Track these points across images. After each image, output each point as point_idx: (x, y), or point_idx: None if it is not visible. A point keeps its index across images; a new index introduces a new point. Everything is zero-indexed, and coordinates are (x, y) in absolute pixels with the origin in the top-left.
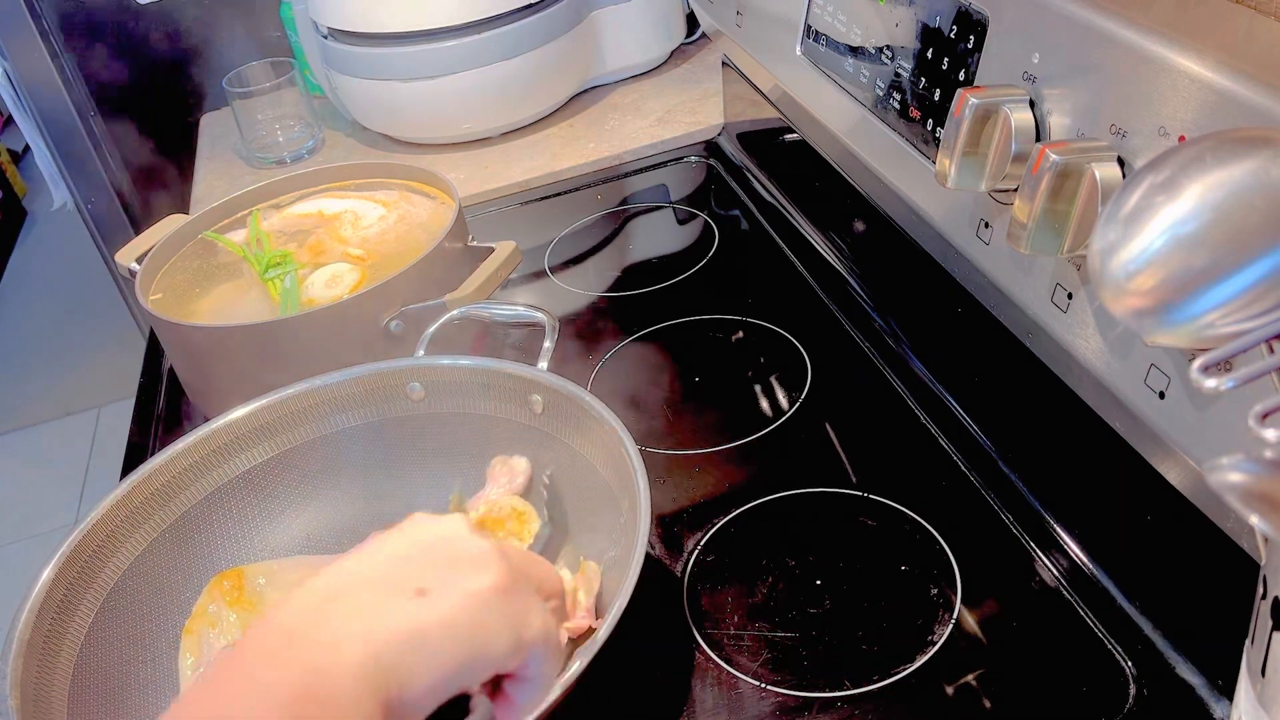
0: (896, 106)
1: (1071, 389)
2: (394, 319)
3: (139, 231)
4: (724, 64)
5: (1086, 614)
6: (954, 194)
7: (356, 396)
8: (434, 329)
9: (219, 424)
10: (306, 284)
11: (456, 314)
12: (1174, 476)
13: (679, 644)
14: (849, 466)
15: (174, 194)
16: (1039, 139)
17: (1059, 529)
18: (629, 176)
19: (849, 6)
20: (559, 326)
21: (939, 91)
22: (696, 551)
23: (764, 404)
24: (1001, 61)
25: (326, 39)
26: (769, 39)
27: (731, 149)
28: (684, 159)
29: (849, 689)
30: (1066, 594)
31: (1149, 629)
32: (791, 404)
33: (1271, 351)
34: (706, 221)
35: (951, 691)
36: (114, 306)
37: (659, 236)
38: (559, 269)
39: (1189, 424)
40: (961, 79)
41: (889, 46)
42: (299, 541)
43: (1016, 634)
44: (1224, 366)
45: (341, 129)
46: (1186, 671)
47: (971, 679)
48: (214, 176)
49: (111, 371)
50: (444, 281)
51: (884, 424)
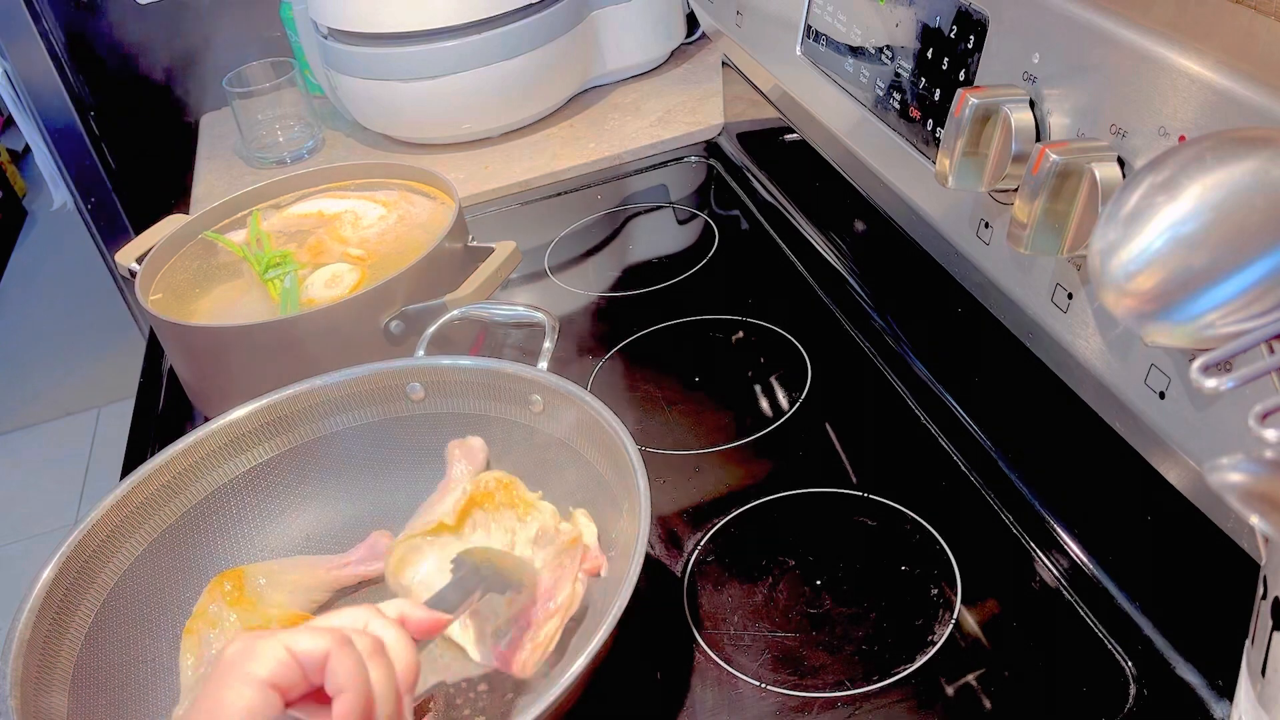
0: (896, 106)
1: (1072, 389)
2: (394, 319)
3: (139, 231)
4: (724, 64)
5: (1086, 614)
6: (954, 194)
7: (356, 397)
8: (434, 329)
9: (219, 424)
10: (306, 284)
11: (456, 314)
12: (1174, 476)
13: (679, 644)
14: (849, 466)
15: (174, 194)
16: (1039, 139)
17: (1059, 529)
18: (629, 176)
19: (849, 6)
20: (559, 327)
21: (939, 91)
22: (696, 551)
23: (764, 404)
24: (1001, 61)
25: (327, 39)
26: (769, 39)
27: (731, 149)
28: (684, 159)
29: (849, 689)
30: (1066, 594)
31: (1149, 629)
32: (791, 404)
33: (1271, 351)
34: (706, 221)
35: (951, 691)
36: (114, 306)
37: (659, 236)
38: (559, 269)
39: (1189, 424)
40: (961, 79)
41: (889, 46)
42: (299, 541)
43: (1016, 634)
44: (1224, 366)
45: (341, 129)
46: (1186, 671)
47: (971, 679)
48: (214, 176)
49: (111, 371)
50: (444, 282)
51: (884, 424)
